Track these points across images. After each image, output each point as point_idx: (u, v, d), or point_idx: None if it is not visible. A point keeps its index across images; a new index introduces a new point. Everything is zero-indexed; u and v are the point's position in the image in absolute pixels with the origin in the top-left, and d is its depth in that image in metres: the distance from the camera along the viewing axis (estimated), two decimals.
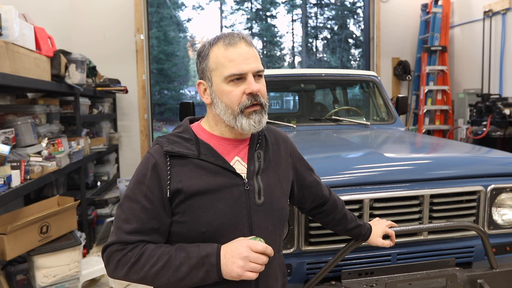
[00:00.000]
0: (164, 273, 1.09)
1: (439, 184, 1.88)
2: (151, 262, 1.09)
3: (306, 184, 1.43)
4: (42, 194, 3.58)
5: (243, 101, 1.17)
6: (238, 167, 1.21)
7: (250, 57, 1.18)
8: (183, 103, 3.02)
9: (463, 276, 1.78)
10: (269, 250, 1.10)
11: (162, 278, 1.09)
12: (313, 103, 3.81)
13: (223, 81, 1.17)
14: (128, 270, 1.11)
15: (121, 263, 1.11)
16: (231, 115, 1.18)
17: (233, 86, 1.17)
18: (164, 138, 1.21)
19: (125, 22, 5.37)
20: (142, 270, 1.10)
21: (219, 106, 1.19)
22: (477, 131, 4.74)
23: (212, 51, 1.20)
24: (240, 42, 1.18)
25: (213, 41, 1.21)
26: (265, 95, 1.21)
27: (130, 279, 1.12)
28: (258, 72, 1.19)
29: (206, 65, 1.21)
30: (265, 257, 1.10)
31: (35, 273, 2.56)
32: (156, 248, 1.12)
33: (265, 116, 1.21)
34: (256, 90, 1.16)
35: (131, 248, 1.12)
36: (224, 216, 1.15)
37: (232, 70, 1.15)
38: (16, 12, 2.39)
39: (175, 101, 14.51)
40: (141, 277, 1.10)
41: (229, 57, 1.16)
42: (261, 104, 1.19)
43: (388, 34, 6.23)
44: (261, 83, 1.21)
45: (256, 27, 14.66)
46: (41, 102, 3.28)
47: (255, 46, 1.24)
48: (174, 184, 1.14)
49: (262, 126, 1.21)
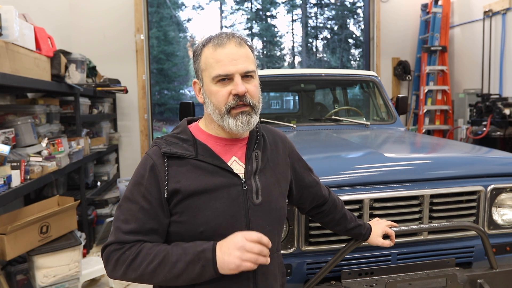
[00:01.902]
0: (161, 270, 1.09)
1: (439, 184, 1.88)
2: (148, 259, 1.10)
3: (305, 184, 1.43)
4: (42, 194, 3.58)
5: (229, 102, 1.17)
6: (235, 167, 1.22)
7: (239, 58, 1.17)
8: (183, 103, 3.03)
9: (463, 276, 1.78)
10: (265, 239, 1.09)
11: (159, 275, 1.10)
12: (313, 103, 3.81)
13: (211, 81, 1.18)
14: (126, 269, 1.11)
15: (119, 263, 1.12)
16: (218, 115, 1.19)
17: (219, 87, 1.17)
18: (162, 139, 1.22)
19: (125, 22, 5.37)
20: (139, 268, 1.10)
21: (209, 106, 1.21)
22: (477, 131, 4.74)
23: (203, 51, 1.21)
24: (228, 42, 1.18)
25: (205, 41, 1.22)
26: (255, 96, 1.20)
27: (128, 277, 1.13)
28: (246, 72, 1.18)
29: (198, 65, 1.23)
30: (261, 246, 1.09)
31: (35, 273, 2.56)
32: (154, 247, 1.12)
33: (254, 116, 1.21)
34: (241, 91, 1.16)
35: (128, 247, 1.12)
36: (221, 216, 1.15)
37: (218, 70, 1.16)
38: (16, 12, 2.39)
39: (175, 101, 14.51)
40: (139, 274, 1.10)
41: (216, 58, 1.17)
42: (249, 105, 1.19)
43: (388, 34, 6.24)
44: (252, 83, 1.20)
45: (256, 27, 14.66)
46: (41, 102, 3.28)
47: (249, 45, 1.23)
48: (172, 184, 1.14)
49: (251, 127, 1.21)
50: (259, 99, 1.23)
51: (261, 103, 1.24)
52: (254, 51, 1.26)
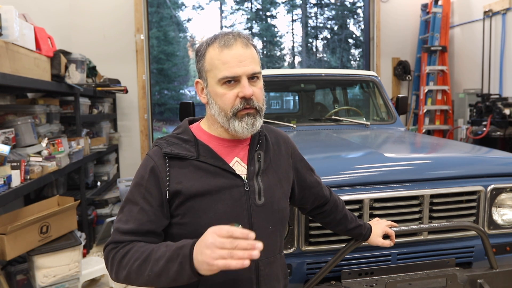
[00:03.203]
0: (145, 268, 1.04)
1: (439, 184, 1.88)
2: (135, 257, 1.06)
3: (307, 184, 1.43)
4: (42, 194, 3.58)
5: (236, 105, 1.15)
6: (237, 168, 1.21)
7: (246, 59, 1.15)
8: (183, 103, 3.03)
9: (463, 276, 1.78)
10: (237, 232, 0.93)
11: (143, 273, 1.04)
12: (313, 103, 3.81)
13: (217, 83, 1.16)
14: (117, 267, 1.09)
15: (114, 261, 1.10)
16: (224, 117, 1.17)
17: (226, 89, 1.15)
18: (163, 139, 1.21)
19: (125, 22, 5.37)
20: (127, 265, 1.06)
21: (213, 107, 1.19)
22: (477, 131, 4.74)
23: (208, 51, 1.18)
24: (235, 43, 1.15)
25: (209, 41, 1.19)
26: (260, 99, 1.19)
27: (120, 277, 1.09)
28: (253, 74, 1.16)
29: (202, 65, 1.20)
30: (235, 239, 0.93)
31: (35, 273, 2.56)
32: (144, 245, 1.09)
33: (259, 119, 1.19)
34: (249, 94, 1.14)
35: (122, 246, 1.11)
36: (224, 217, 1.14)
37: (225, 72, 1.13)
38: (16, 12, 2.38)
39: (175, 101, 14.52)
40: (126, 273, 1.06)
41: (223, 59, 1.14)
42: (255, 108, 1.17)
43: (388, 34, 6.23)
44: (257, 85, 1.18)
45: (256, 27, 14.67)
46: (41, 102, 3.28)
47: (254, 45, 1.21)
48: (173, 185, 1.13)
49: (255, 129, 1.20)
50: (264, 102, 1.22)
51: (265, 105, 1.23)
52: (258, 51, 1.24)
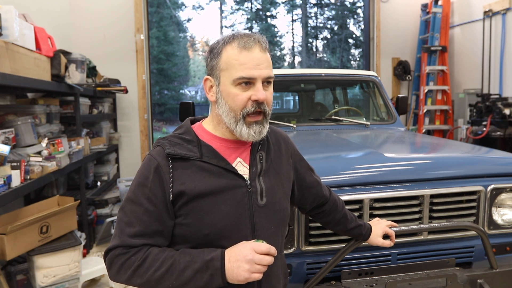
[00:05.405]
0: (168, 277, 1.08)
1: (439, 184, 1.88)
2: (155, 266, 1.09)
3: (307, 184, 1.43)
4: (42, 194, 3.58)
5: (247, 107, 1.15)
6: (240, 168, 1.21)
7: (263, 63, 1.16)
8: (183, 103, 3.03)
9: (463, 276, 1.78)
10: (273, 250, 1.10)
11: (166, 282, 1.08)
12: (313, 103, 3.81)
13: (232, 83, 1.15)
14: (131, 274, 1.10)
15: (124, 267, 1.10)
16: (232, 118, 1.17)
17: (240, 90, 1.15)
18: (166, 140, 1.20)
19: (125, 22, 5.37)
20: (146, 274, 1.09)
21: (222, 107, 1.18)
22: (477, 131, 4.74)
23: (225, 50, 1.17)
24: (255, 46, 1.16)
25: (228, 39, 1.18)
26: (270, 103, 1.20)
27: (133, 283, 1.11)
28: (268, 78, 1.17)
29: (217, 63, 1.18)
30: (270, 257, 1.10)
31: (35, 273, 2.56)
32: (160, 252, 1.11)
33: (266, 126, 1.20)
34: (262, 98, 1.15)
35: (134, 252, 1.11)
36: (227, 218, 1.14)
37: (241, 73, 1.14)
38: (16, 12, 2.39)
39: (175, 101, 14.53)
40: (145, 281, 1.09)
41: (240, 60, 1.14)
42: (264, 113, 1.18)
43: (388, 34, 6.24)
44: (269, 90, 1.19)
45: (256, 27, 14.66)
46: (41, 102, 3.28)
47: (269, 52, 1.22)
48: (177, 186, 1.13)
49: (262, 137, 1.20)
50: (271, 107, 1.22)
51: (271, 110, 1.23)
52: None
